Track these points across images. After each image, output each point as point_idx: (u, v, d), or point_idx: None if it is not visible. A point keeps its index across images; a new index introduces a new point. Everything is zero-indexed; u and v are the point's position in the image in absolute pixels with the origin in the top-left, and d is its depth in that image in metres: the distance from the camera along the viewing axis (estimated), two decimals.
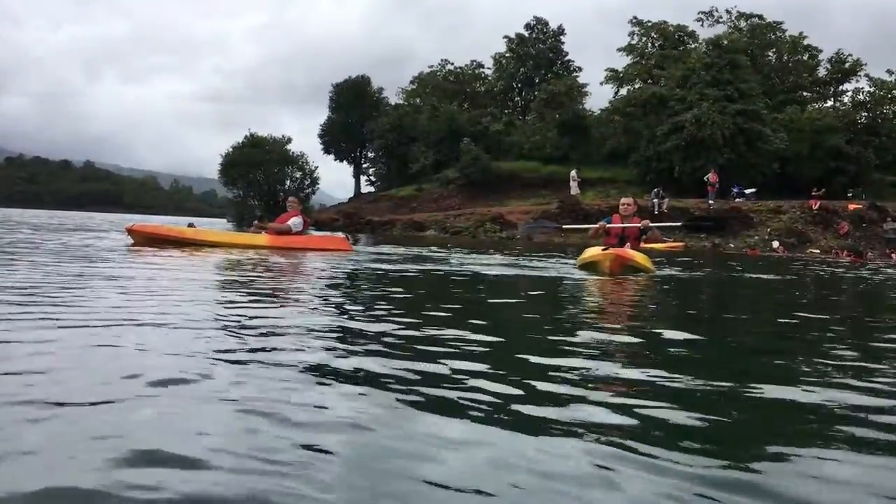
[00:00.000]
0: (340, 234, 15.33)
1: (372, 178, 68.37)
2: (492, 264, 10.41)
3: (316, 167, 47.59)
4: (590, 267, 8.79)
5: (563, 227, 9.53)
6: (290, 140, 47.26)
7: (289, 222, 12.27)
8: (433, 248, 16.22)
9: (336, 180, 78.65)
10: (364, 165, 69.73)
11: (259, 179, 45.42)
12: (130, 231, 11.06)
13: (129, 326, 3.25)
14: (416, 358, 2.76)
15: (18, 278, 5.02)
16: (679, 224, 12.70)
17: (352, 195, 67.61)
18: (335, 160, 70.09)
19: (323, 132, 68.79)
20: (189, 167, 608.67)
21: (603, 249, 8.67)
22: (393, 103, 67.11)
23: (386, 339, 3.19)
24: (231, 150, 45.75)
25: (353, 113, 65.58)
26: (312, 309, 4.34)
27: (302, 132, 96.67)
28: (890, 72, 47.51)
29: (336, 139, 68.05)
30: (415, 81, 68.63)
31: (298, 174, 46.59)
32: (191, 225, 12.10)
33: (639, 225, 9.61)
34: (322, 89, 76.77)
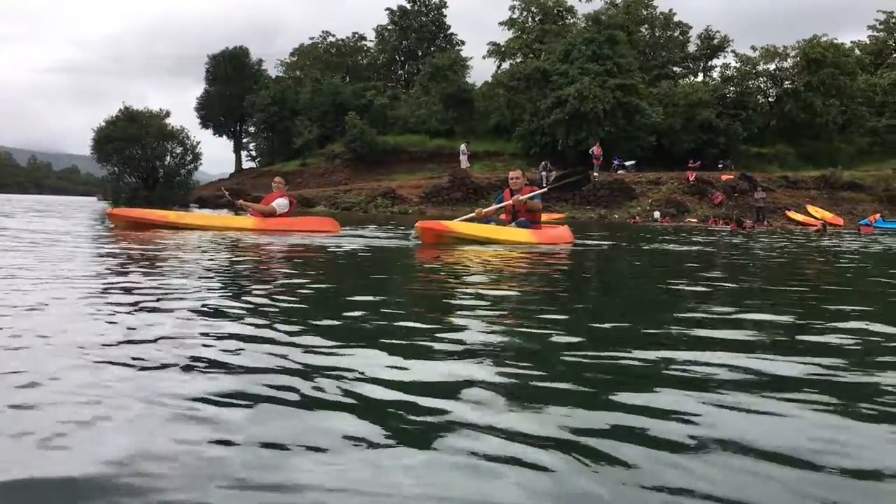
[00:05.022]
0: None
1: (253, 154, 66.60)
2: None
3: (198, 142, 45.91)
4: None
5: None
6: (168, 114, 45.27)
7: (273, 203, 11.77)
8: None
9: (212, 157, 75.89)
10: (245, 140, 67.78)
11: (136, 155, 43.31)
12: (111, 215, 10.86)
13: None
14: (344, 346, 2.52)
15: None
16: (546, 189, 11.82)
17: (232, 171, 65.64)
18: (214, 135, 67.80)
19: (200, 105, 66.27)
20: (46, 143, 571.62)
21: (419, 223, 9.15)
22: (273, 76, 65.36)
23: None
24: (104, 124, 43.34)
25: (232, 86, 63.33)
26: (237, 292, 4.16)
27: (170, 105, 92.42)
28: (754, 48, 50.24)
29: (214, 113, 65.71)
30: (295, 53, 67.06)
31: (179, 149, 44.75)
32: (175, 208, 11.84)
33: (510, 201, 9.95)
34: (189, 61, 73.91)
